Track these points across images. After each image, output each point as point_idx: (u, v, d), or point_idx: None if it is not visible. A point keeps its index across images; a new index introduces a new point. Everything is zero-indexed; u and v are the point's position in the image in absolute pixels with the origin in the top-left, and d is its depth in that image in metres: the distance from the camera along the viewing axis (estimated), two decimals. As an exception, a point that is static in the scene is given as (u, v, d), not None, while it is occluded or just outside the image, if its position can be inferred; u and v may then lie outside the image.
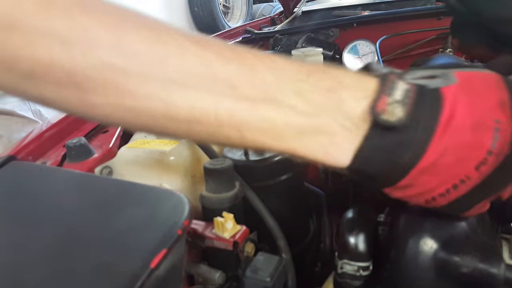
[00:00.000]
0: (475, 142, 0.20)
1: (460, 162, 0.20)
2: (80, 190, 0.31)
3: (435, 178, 0.21)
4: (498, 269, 0.27)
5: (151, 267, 0.21)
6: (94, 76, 0.19)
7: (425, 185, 0.21)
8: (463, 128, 0.20)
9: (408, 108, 0.19)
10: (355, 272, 0.31)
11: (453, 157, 0.20)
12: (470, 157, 0.20)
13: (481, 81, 0.21)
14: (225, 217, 0.29)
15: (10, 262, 0.24)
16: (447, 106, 0.20)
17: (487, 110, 0.20)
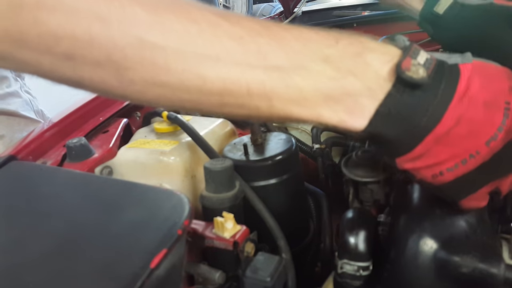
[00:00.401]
0: (487, 118, 0.21)
1: (472, 135, 0.21)
2: (80, 190, 0.31)
3: (447, 150, 0.22)
4: (498, 269, 0.27)
5: (151, 267, 0.21)
6: (132, 53, 0.19)
7: (437, 156, 0.22)
8: (477, 103, 0.21)
9: (430, 72, 0.21)
10: (355, 272, 0.31)
11: (466, 128, 0.21)
12: (482, 131, 0.21)
13: (494, 69, 0.23)
14: (225, 217, 0.29)
15: (10, 262, 0.24)
16: (463, 80, 0.21)
17: (498, 92, 0.22)
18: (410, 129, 0.21)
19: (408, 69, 0.20)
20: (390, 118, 0.21)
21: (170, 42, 0.20)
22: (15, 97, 0.70)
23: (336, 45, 0.21)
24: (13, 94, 0.70)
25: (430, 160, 0.22)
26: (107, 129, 0.49)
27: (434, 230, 0.29)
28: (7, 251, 0.25)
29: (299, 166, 0.43)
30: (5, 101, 0.68)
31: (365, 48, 0.22)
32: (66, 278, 0.22)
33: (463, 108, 0.21)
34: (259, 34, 0.21)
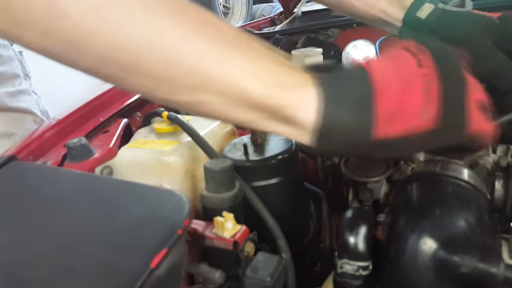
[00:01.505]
0: (399, 61, 0.23)
1: (402, 74, 0.22)
2: (81, 190, 0.31)
3: (403, 95, 0.22)
4: (497, 269, 0.27)
5: (151, 267, 0.21)
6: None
7: (402, 104, 0.21)
8: (383, 60, 0.24)
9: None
10: (355, 272, 0.31)
11: (393, 74, 0.22)
12: (406, 67, 0.23)
13: (397, 51, 0.24)
14: (225, 217, 0.29)
15: (11, 262, 0.24)
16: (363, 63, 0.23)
17: (396, 50, 0.24)
18: (358, 102, 0.21)
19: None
20: (334, 103, 0.21)
21: None
22: (26, 94, 0.70)
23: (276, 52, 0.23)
24: (24, 92, 0.69)
25: (402, 111, 0.22)
26: (107, 129, 0.49)
27: (434, 230, 0.29)
28: (8, 250, 0.25)
29: (299, 166, 0.43)
30: (16, 99, 0.67)
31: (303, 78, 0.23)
32: (67, 278, 0.22)
33: (376, 66, 0.22)
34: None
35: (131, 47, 0.20)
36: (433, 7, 0.40)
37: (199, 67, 0.21)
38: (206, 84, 0.22)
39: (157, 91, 0.22)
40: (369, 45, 0.76)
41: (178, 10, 0.22)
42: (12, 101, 0.67)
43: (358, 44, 0.77)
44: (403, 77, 0.22)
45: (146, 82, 0.22)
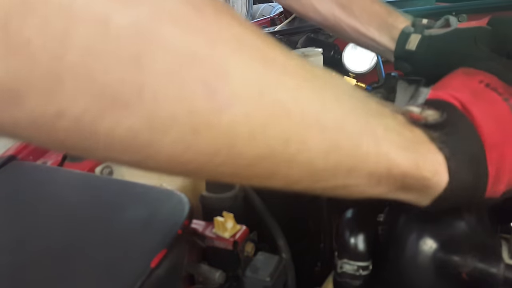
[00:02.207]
0: (491, 103, 0.22)
1: (503, 124, 0.21)
2: (81, 190, 0.31)
3: (505, 149, 0.21)
4: (497, 269, 0.27)
5: (151, 267, 0.22)
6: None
7: (504, 158, 0.21)
8: (478, 103, 0.22)
9: (436, 113, 0.21)
10: (355, 272, 0.31)
11: (496, 125, 0.21)
12: (503, 114, 0.22)
13: (482, 89, 0.23)
14: (225, 217, 0.29)
15: (10, 262, 0.24)
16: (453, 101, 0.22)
17: (474, 83, 0.23)
18: (473, 160, 0.20)
19: (420, 119, 0.20)
20: (456, 160, 0.20)
21: None
22: None
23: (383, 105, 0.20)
24: None
25: (507, 166, 0.21)
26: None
27: (434, 230, 0.29)
28: (8, 251, 0.25)
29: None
30: None
31: (389, 111, 0.20)
32: (67, 278, 0.22)
33: (477, 113, 0.21)
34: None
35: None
36: (420, 36, 0.39)
37: (358, 147, 0.17)
38: (362, 165, 0.18)
39: (303, 182, 0.17)
40: (369, 45, 0.75)
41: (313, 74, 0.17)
42: None
43: (358, 44, 0.76)
44: (501, 127, 0.21)
45: (294, 173, 0.17)
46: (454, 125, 0.21)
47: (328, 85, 0.18)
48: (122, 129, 0.12)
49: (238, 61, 0.13)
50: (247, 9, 2.96)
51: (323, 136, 0.16)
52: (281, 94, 0.15)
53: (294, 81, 0.16)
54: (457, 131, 0.21)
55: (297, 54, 0.20)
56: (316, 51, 0.65)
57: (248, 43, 0.14)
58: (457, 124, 0.21)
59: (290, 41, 0.83)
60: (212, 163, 0.14)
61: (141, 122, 0.12)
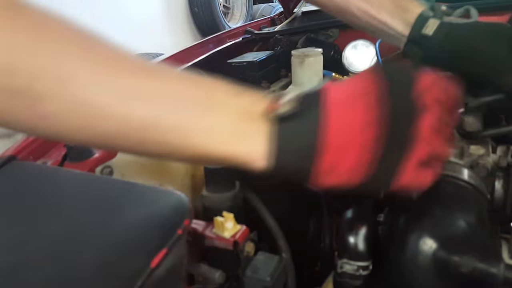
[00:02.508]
0: (350, 112, 0.23)
1: (347, 132, 0.23)
2: (81, 190, 0.31)
3: (341, 154, 0.23)
4: (497, 269, 0.27)
5: (151, 267, 0.22)
6: (55, 85, 0.20)
7: (339, 162, 0.23)
8: (337, 105, 0.24)
9: (295, 103, 0.24)
10: (355, 272, 0.31)
11: (339, 130, 0.23)
12: (352, 124, 0.23)
13: (349, 78, 0.25)
14: (225, 217, 0.29)
15: (10, 262, 0.24)
16: (323, 94, 0.24)
17: (354, 87, 0.24)
18: (302, 153, 0.23)
19: (275, 109, 0.23)
20: (280, 151, 0.23)
21: (98, 78, 0.21)
22: None
23: (236, 95, 0.24)
24: None
25: (337, 168, 0.23)
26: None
27: (434, 230, 0.29)
28: (7, 250, 0.25)
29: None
30: None
31: (257, 100, 0.25)
32: (67, 278, 0.22)
33: (329, 115, 0.23)
34: (176, 81, 0.24)
35: None
36: (439, 22, 0.38)
37: (170, 142, 0.23)
38: (177, 152, 0.24)
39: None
40: (369, 46, 0.76)
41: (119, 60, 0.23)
42: None
43: (358, 44, 0.77)
44: (348, 136, 0.23)
45: None
46: (300, 121, 0.23)
47: (152, 74, 0.23)
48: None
49: None
50: (247, 9, 2.96)
51: (134, 132, 0.22)
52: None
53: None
54: (299, 127, 0.23)
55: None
56: (316, 51, 0.65)
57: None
58: (304, 121, 0.23)
59: (290, 41, 0.83)
60: None
61: None
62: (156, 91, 0.23)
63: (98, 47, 0.23)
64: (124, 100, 0.22)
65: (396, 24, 0.40)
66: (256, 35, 0.93)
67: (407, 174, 0.24)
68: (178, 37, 2.54)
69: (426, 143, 0.23)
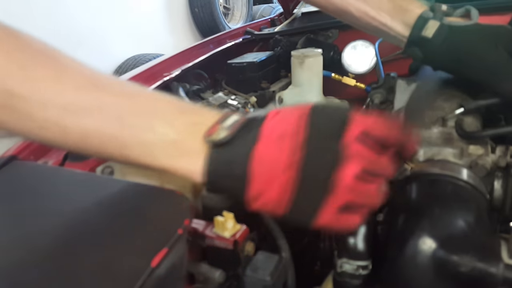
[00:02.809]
0: (279, 148, 0.24)
1: (274, 167, 0.24)
2: (82, 189, 0.31)
3: (266, 186, 0.24)
4: (496, 269, 0.27)
5: (152, 266, 0.22)
6: (1, 100, 0.23)
7: (263, 193, 0.24)
8: (270, 139, 0.24)
9: (232, 131, 0.25)
10: (355, 271, 0.31)
11: (267, 164, 0.24)
12: (278, 161, 0.24)
13: (288, 110, 0.26)
14: (226, 217, 0.29)
15: (11, 262, 0.24)
16: (264, 125, 0.25)
17: (289, 123, 0.25)
18: (234, 179, 0.25)
19: (212, 134, 0.25)
20: (216, 173, 0.25)
21: (36, 95, 0.24)
22: None
23: (182, 114, 0.26)
24: None
25: (262, 198, 0.24)
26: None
27: (433, 230, 0.30)
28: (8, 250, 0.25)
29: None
30: None
31: (203, 120, 0.26)
32: (67, 278, 0.22)
33: (262, 147, 0.24)
34: (118, 96, 0.25)
35: None
36: (439, 24, 0.37)
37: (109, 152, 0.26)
38: (122, 159, 0.27)
39: None
40: (369, 46, 0.76)
41: None
42: None
43: (358, 45, 0.77)
44: (272, 171, 0.24)
45: None
46: (233, 149, 0.25)
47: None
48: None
49: None
50: (247, 10, 2.97)
51: (73, 142, 0.25)
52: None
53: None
54: (232, 155, 0.25)
55: None
56: (315, 51, 0.65)
57: None
58: (237, 150, 0.25)
59: (290, 41, 0.83)
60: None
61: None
62: (93, 106, 0.25)
63: (47, 63, 0.25)
64: (63, 115, 0.24)
65: (396, 25, 0.40)
66: (256, 35, 0.93)
67: (325, 217, 0.24)
68: (178, 37, 2.54)
69: (346, 191, 0.23)
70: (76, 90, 0.25)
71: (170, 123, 0.25)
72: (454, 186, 0.34)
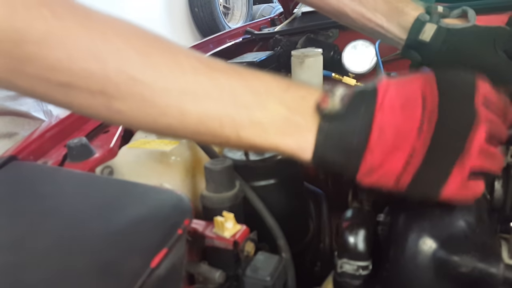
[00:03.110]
0: (407, 116, 0.24)
1: (400, 136, 0.23)
2: (81, 190, 0.31)
3: (389, 156, 0.24)
4: (497, 269, 0.27)
5: (151, 267, 0.22)
6: (124, 88, 0.23)
7: (384, 164, 0.24)
8: (394, 108, 0.24)
9: (345, 101, 0.24)
10: (355, 272, 0.31)
11: (392, 132, 0.23)
12: (407, 129, 0.23)
13: (407, 79, 0.26)
14: (225, 217, 0.29)
15: (11, 262, 0.24)
16: (380, 95, 0.24)
17: (411, 92, 0.24)
18: (348, 152, 0.24)
19: (324, 106, 0.24)
20: (325, 147, 0.24)
21: (157, 81, 0.23)
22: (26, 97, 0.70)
23: (288, 89, 0.26)
24: None
25: (381, 170, 0.24)
26: (108, 129, 0.49)
27: (434, 230, 0.29)
28: (8, 250, 0.25)
29: (299, 166, 0.43)
30: (17, 102, 0.68)
31: (308, 93, 0.26)
32: (67, 278, 0.22)
33: (383, 117, 0.23)
34: (231, 77, 0.25)
35: None
36: (436, 27, 0.37)
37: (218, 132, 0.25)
38: (225, 141, 0.26)
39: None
40: (369, 46, 0.76)
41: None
42: (12, 104, 0.67)
43: (358, 44, 0.77)
44: (398, 139, 0.23)
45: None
46: (349, 121, 0.24)
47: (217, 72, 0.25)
48: None
49: None
50: (247, 10, 2.96)
51: (191, 126, 0.25)
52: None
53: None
54: (347, 127, 0.24)
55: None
56: (316, 51, 0.65)
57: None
58: (353, 121, 0.24)
59: (290, 41, 0.83)
60: None
61: None
62: (211, 88, 0.24)
63: (161, 48, 0.24)
64: (184, 99, 0.24)
65: (393, 27, 0.40)
66: (256, 35, 0.93)
67: (453, 185, 0.23)
68: (178, 37, 2.54)
69: (478, 155, 0.23)
70: (194, 74, 0.24)
71: (280, 99, 0.25)
72: (455, 186, 0.34)
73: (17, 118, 0.68)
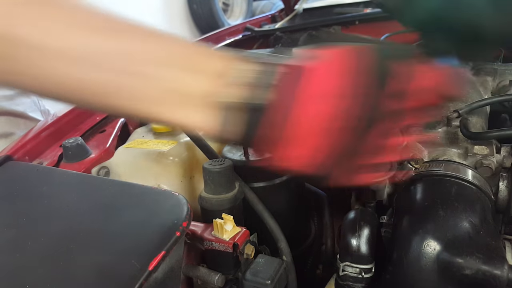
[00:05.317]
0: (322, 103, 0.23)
1: (315, 122, 0.23)
2: (77, 190, 0.30)
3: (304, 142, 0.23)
4: (501, 271, 0.26)
5: (149, 269, 0.21)
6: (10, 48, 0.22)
7: (296, 150, 0.23)
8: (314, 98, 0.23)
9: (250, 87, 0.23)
10: (357, 275, 0.31)
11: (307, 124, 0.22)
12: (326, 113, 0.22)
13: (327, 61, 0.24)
14: (225, 219, 0.29)
15: (6, 263, 0.23)
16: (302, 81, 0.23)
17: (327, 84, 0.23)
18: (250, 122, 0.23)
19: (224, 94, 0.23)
20: (230, 115, 0.23)
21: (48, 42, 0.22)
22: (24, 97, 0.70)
23: (194, 62, 0.24)
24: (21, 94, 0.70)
25: (295, 155, 0.23)
26: (104, 128, 0.49)
27: (437, 232, 0.29)
28: (4, 252, 0.24)
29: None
30: (14, 102, 0.68)
31: (211, 62, 0.24)
32: (64, 280, 0.22)
33: (306, 107, 0.22)
34: (128, 36, 0.24)
35: None
36: None
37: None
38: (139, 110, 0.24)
39: None
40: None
41: None
42: (9, 104, 0.67)
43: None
44: (313, 127, 0.23)
45: None
46: (259, 107, 0.23)
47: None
48: None
49: None
50: (247, 6, 2.94)
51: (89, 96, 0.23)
52: None
53: None
54: (255, 114, 0.23)
55: None
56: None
57: None
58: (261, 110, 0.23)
59: (291, 38, 0.82)
60: None
61: None
62: (118, 56, 0.23)
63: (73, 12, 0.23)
64: (72, 65, 0.22)
65: None
66: (256, 32, 0.92)
67: (346, 175, 0.23)
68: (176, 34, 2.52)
69: (381, 148, 0.23)
70: (89, 34, 0.23)
71: (185, 71, 0.23)
72: (459, 186, 0.33)
73: (13, 118, 0.68)
